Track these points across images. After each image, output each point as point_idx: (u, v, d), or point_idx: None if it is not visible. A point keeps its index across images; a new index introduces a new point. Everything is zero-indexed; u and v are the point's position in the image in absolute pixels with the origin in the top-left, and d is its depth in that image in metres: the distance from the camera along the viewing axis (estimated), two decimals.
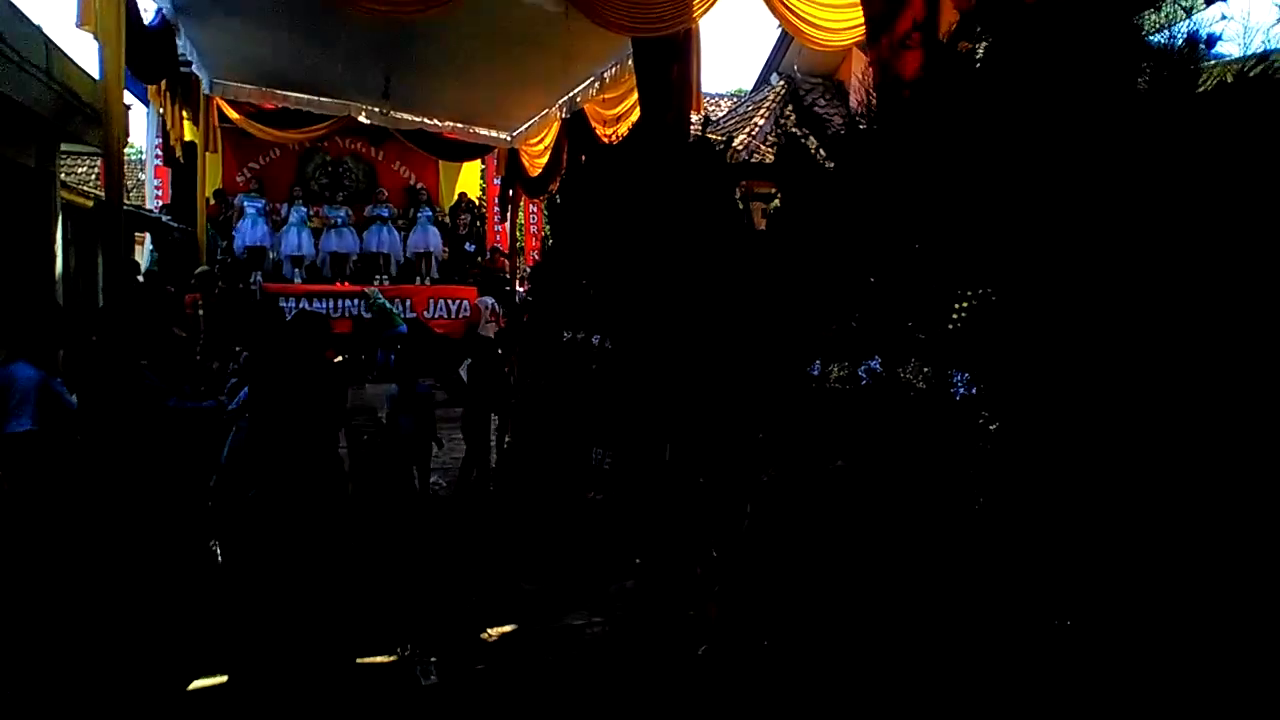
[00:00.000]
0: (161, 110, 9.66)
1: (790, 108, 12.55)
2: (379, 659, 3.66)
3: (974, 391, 2.69)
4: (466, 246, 13.50)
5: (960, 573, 2.40)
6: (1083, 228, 2.34)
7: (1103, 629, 2.27)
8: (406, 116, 11.01)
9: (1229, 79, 2.22)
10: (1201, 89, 2.27)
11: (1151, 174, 2.22)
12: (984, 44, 2.71)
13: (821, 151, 3.63)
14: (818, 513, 2.74)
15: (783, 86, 12.49)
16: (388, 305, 11.20)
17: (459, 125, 11.45)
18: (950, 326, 2.81)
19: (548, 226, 6.16)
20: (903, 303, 2.97)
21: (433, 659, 3.66)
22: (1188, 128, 2.17)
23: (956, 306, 2.81)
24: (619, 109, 7.92)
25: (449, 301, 12.22)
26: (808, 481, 2.89)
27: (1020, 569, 2.31)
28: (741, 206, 4.35)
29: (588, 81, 8.42)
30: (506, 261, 13.35)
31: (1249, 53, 2.35)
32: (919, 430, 2.69)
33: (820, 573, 2.57)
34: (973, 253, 2.72)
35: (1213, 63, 2.43)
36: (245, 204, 12.58)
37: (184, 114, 10.05)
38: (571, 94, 8.85)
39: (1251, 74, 2.17)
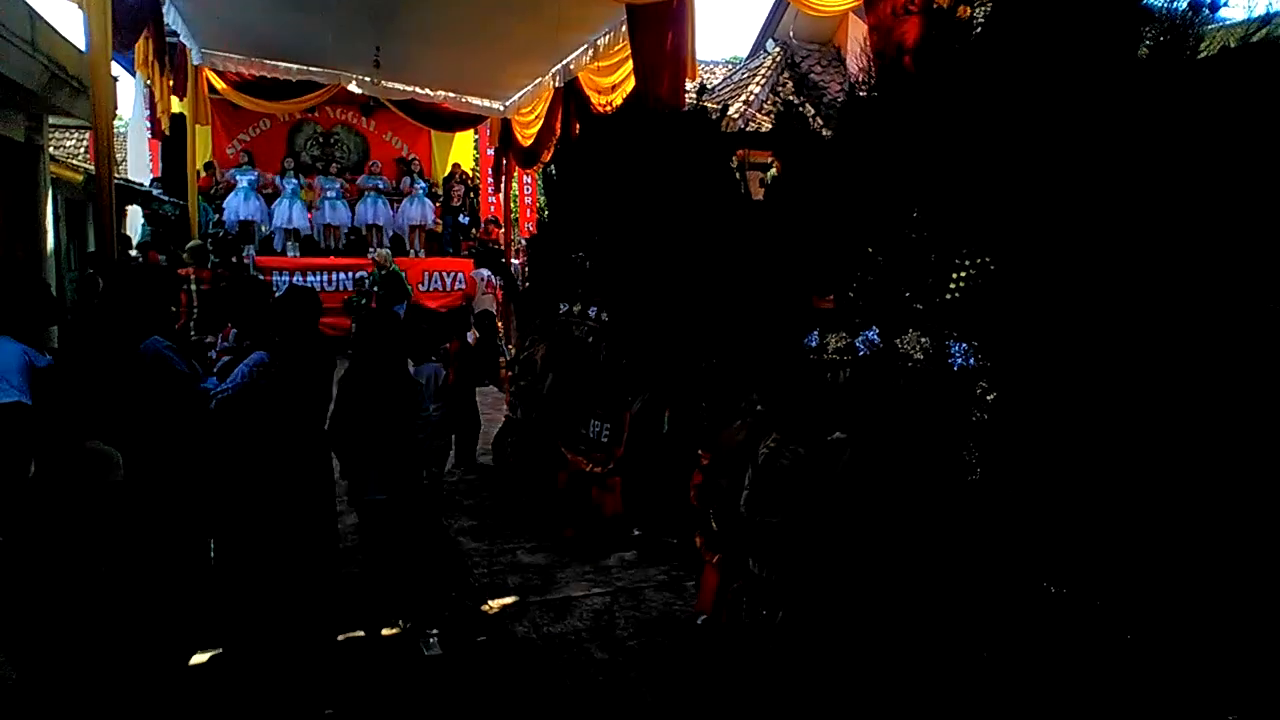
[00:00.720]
0: (149, 82, 9.53)
1: (786, 75, 12.44)
2: (382, 632, 3.68)
3: (972, 363, 2.68)
4: (461, 218, 13.42)
5: (957, 539, 2.42)
6: (1082, 196, 2.33)
7: (1096, 593, 2.29)
8: (398, 86, 10.88)
9: (1232, 44, 2.20)
10: (1204, 55, 2.25)
11: (1151, 141, 2.20)
12: (984, 9, 2.67)
13: (819, 120, 3.59)
14: (817, 482, 2.75)
15: (779, 53, 12.34)
16: (400, 273, 10.83)
17: (451, 95, 11.32)
18: (948, 296, 2.80)
19: (543, 198, 6.10)
20: (900, 273, 2.95)
21: (434, 631, 3.69)
22: (1188, 94, 2.14)
23: (954, 276, 2.80)
24: (613, 78, 7.82)
25: (444, 274, 12.18)
26: (808, 452, 2.89)
27: (1017, 538, 2.32)
28: (738, 176, 4.31)
29: (580, 49, 8.31)
30: (500, 232, 13.28)
31: (1253, 16, 2.33)
32: (917, 400, 2.69)
33: (822, 541, 2.58)
34: (971, 222, 2.70)
35: (1216, 26, 2.40)
36: (237, 177, 12.48)
37: (170, 84, 9.91)
38: (564, 62, 8.74)
39: (1255, 39, 2.15)
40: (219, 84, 11.02)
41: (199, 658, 3.37)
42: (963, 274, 2.74)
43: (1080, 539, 2.32)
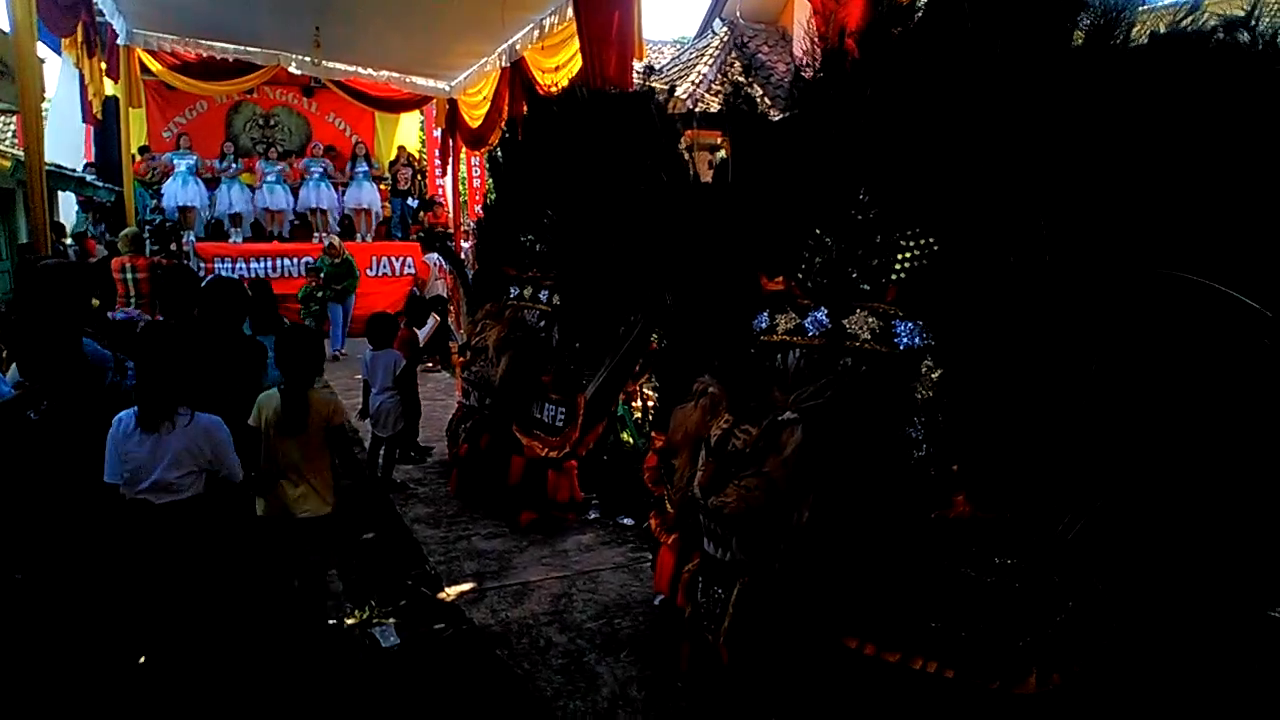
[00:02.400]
0: (78, 63, 9.19)
1: (734, 55, 12.48)
2: (338, 623, 3.66)
3: (918, 341, 2.74)
4: (409, 201, 13.22)
5: (905, 516, 2.48)
6: (1018, 179, 2.38)
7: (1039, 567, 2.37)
8: (339, 66, 10.64)
9: (1161, 29, 2.26)
10: (1136, 41, 2.31)
11: (1086, 127, 2.25)
12: None
13: (766, 100, 3.61)
14: (769, 459, 2.78)
15: (726, 33, 12.33)
16: (351, 259, 10.70)
17: (395, 75, 11.12)
18: (894, 277, 2.85)
19: (491, 180, 6.04)
20: (848, 254, 2.99)
21: (391, 621, 3.67)
22: (1119, 80, 2.20)
23: (900, 257, 2.85)
24: (559, 58, 7.75)
25: (393, 259, 12.01)
26: (759, 432, 2.92)
27: (962, 512, 2.39)
28: (687, 157, 4.31)
29: (527, 29, 8.20)
30: (448, 215, 13.12)
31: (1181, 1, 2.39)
32: (864, 379, 2.74)
33: (774, 522, 2.62)
34: (915, 203, 2.75)
35: (1146, 9, 2.47)
36: (174, 161, 12.12)
37: (102, 66, 9.57)
38: (511, 42, 8.63)
39: (1182, 24, 2.21)
40: (154, 65, 10.66)
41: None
42: (908, 255, 2.80)
43: (1022, 512, 2.40)
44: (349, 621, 3.66)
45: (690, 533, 3.08)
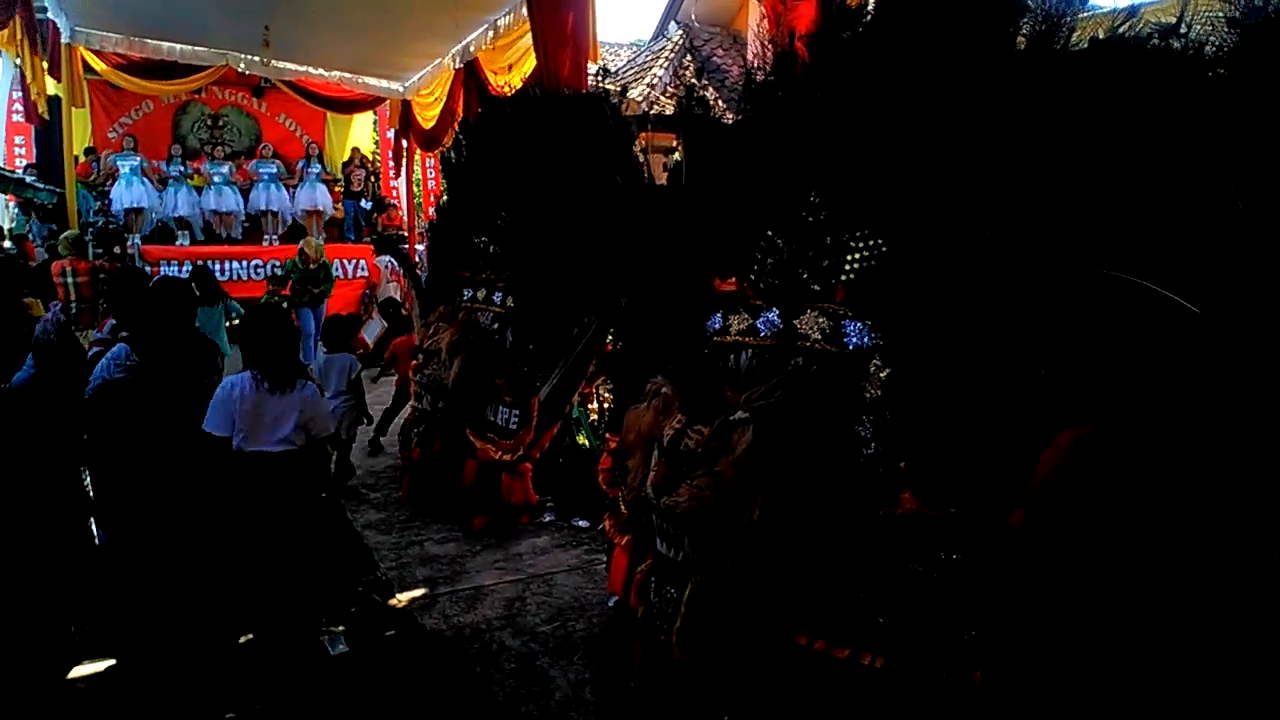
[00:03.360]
0: (19, 61, 8.93)
1: (689, 58, 12.52)
2: (284, 632, 3.58)
3: (866, 341, 2.77)
4: (363, 203, 13.05)
5: (854, 512, 2.50)
6: (964, 182, 2.41)
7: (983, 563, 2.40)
8: (290, 66, 10.47)
9: (1101, 35, 2.31)
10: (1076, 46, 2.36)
11: (1027, 130, 2.30)
12: None
13: (720, 103, 3.63)
14: (721, 459, 2.79)
15: (681, 36, 12.39)
16: (329, 265, 9.91)
17: (347, 76, 10.97)
18: (844, 277, 2.88)
19: (445, 182, 5.97)
20: (799, 255, 3.02)
21: (340, 628, 3.62)
22: (1060, 85, 2.24)
23: (849, 258, 2.88)
24: (512, 58, 7.72)
25: (346, 262, 11.83)
26: (711, 432, 2.93)
27: (910, 508, 2.41)
28: (643, 159, 4.30)
29: (480, 30, 8.15)
30: (402, 217, 12.98)
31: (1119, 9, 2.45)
32: (814, 379, 2.76)
33: (726, 522, 2.62)
34: (864, 205, 2.78)
35: (1089, 14, 2.52)
36: (119, 163, 11.82)
37: (44, 65, 9.31)
38: (464, 43, 8.56)
39: (1119, 29, 2.26)
40: (98, 64, 10.38)
41: (83, 669, 3.21)
42: (857, 256, 2.83)
43: (967, 508, 2.43)
44: (296, 631, 3.59)
45: (644, 533, 3.07)
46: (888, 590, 2.39)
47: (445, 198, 6.08)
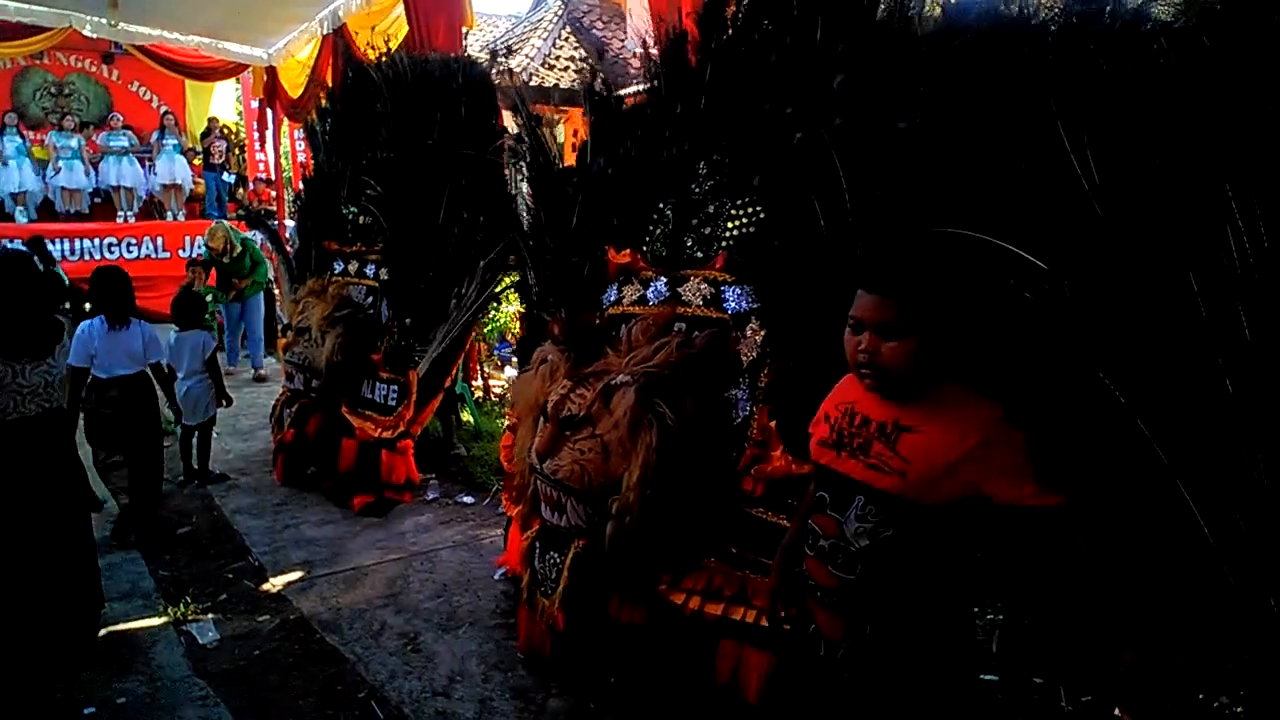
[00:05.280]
0: None
1: (568, 30, 12.37)
2: (148, 622, 3.40)
3: (744, 305, 2.82)
4: (224, 177, 12.36)
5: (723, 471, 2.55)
6: (833, 148, 2.45)
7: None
8: (142, 30, 9.73)
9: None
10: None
11: (892, 101, 2.35)
12: None
13: (601, 76, 3.61)
14: (601, 421, 2.79)
15: (560, 7, 12.24)
16: (253, 243, 8.43)
17: (205, 41, 10.30)
18: (723, 244, 2.92)
19: (312, 153, 5.64)
20: (683, 224, 3.05)
21: (210, 616, 3.45)
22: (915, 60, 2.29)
23: (728, 225, 2.93)
24: (383, 23, 7.44)
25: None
26: (592, 396, 2.92)
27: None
28: (540, 131, 4.12)
29: None
30: (270, 192, 12.37)
31: None
32: (694, 342, 2.80)
33: (603, 484, 2.63)
34: (745, 175, 2.82)
35: None
36: None
37: None
38: (332, 7, 8.18)
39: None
40: None
41: None
42: (736, 223, 2.87)
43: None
44: (162, 620, 3.41)
45: (532, 502, 3.05)
46: (760, 547, 2.45)
47: (311, 169, 5.82)
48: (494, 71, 5.17)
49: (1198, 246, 1.53)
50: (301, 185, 7.01)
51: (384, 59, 4.99)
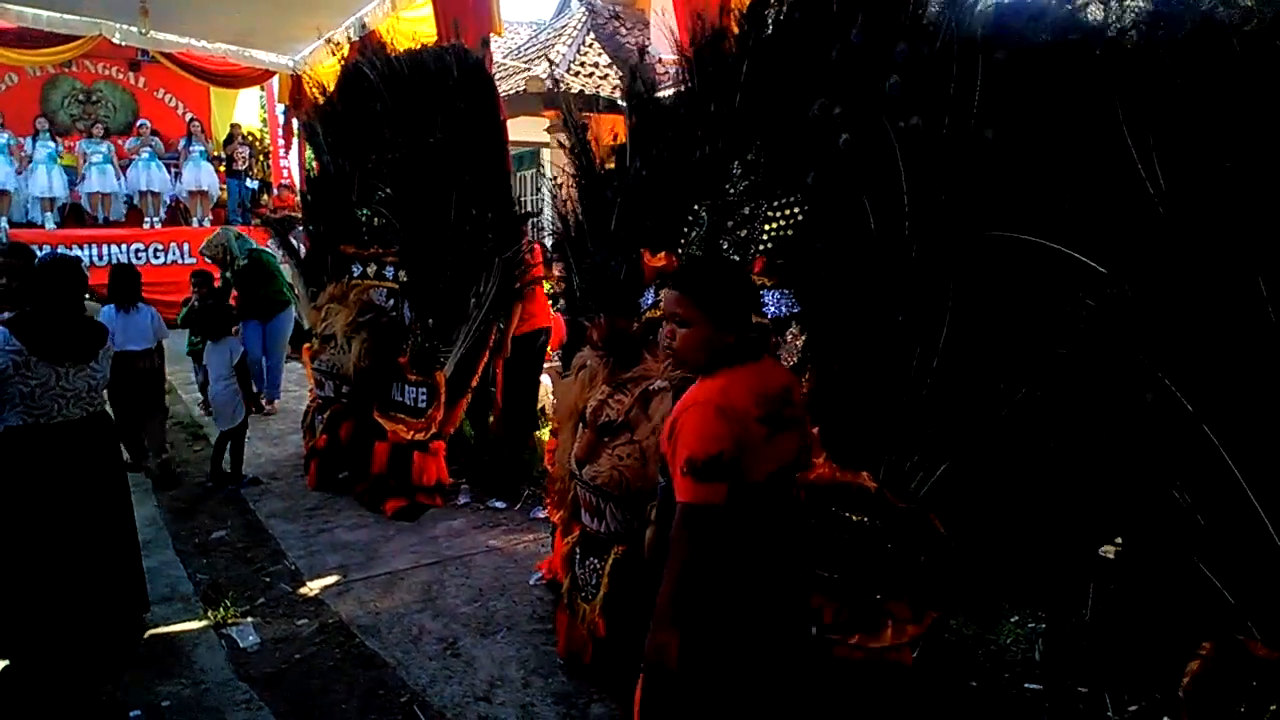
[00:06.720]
0: None
1: (592, 36, 12.34)
2: (189, 625, 3.42)
3: (784, 310, 2.80)
4: (248, 183, 12.47)
5: None
6: (885, 150, 2.43)
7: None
8: (170, 38, 9.86)
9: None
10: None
11: (936, 100, 2.33)
12: None
13: (624, 81, 3.61)
14: (640, 427, 2.79)
15: (584, 14, 12.27)
16: (270, 255, 7.36)
17: (232, 48, 10.41)
18: (761, 248, 2.91)
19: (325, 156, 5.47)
20: (719, 226, 3.04)
21: (250, 620, 3.47)
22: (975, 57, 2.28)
23: (766, 228, 2.91)
24: (412, 30, 7.48)
25: None
26: (631, 402, 2.92)
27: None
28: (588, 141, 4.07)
29: (376, 1, 7.88)
30: (294, 198, 12.45)
31: None
32: None
33: (640, 490, 2.62)
34: (782, 173, 2.80)
35: None
36: None
37: None
38: (358, 15, 8.26)
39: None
40: None
41: None
42: (774, 225, 2.86)
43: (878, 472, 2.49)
44: (202, 624, 3.44)
45: (572, 507, 3.05)
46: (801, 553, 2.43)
47: (312, 172, 5.82)
48: (524, 77, 5.18)
49: (1267, 250, 1.51)
50: (306, 188, 6.97)
51: (377, 58, 5.03)
